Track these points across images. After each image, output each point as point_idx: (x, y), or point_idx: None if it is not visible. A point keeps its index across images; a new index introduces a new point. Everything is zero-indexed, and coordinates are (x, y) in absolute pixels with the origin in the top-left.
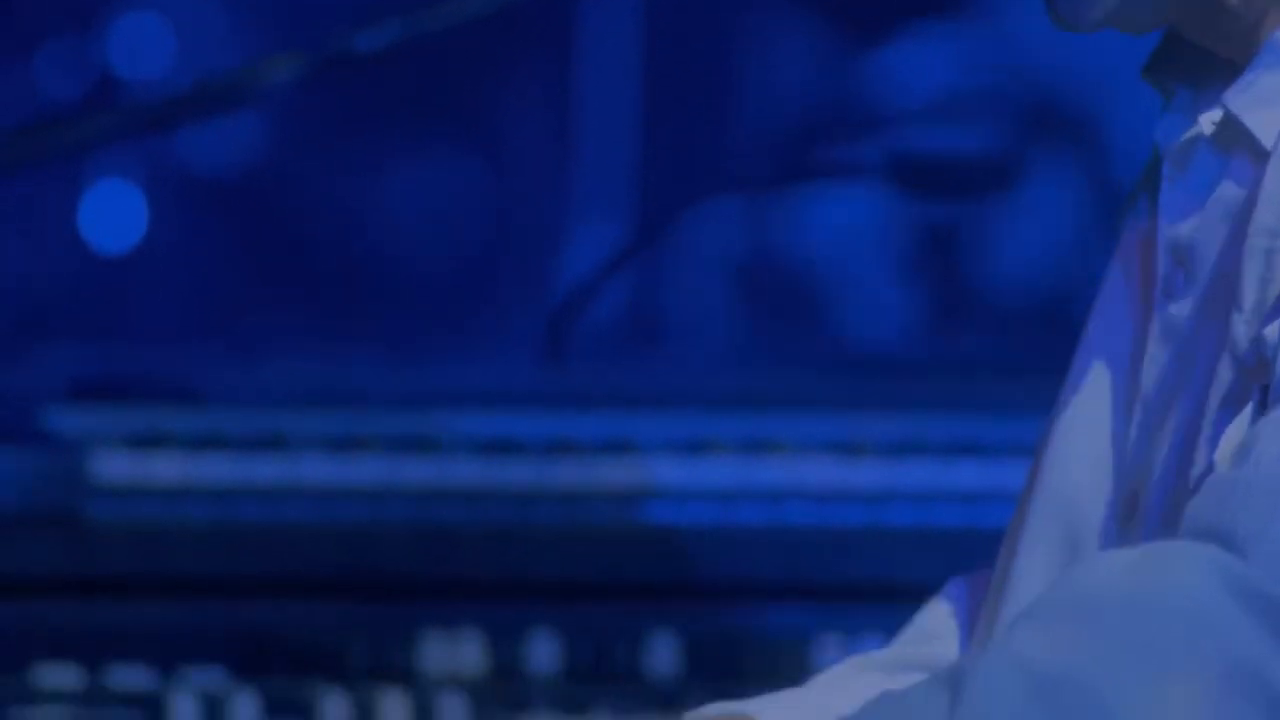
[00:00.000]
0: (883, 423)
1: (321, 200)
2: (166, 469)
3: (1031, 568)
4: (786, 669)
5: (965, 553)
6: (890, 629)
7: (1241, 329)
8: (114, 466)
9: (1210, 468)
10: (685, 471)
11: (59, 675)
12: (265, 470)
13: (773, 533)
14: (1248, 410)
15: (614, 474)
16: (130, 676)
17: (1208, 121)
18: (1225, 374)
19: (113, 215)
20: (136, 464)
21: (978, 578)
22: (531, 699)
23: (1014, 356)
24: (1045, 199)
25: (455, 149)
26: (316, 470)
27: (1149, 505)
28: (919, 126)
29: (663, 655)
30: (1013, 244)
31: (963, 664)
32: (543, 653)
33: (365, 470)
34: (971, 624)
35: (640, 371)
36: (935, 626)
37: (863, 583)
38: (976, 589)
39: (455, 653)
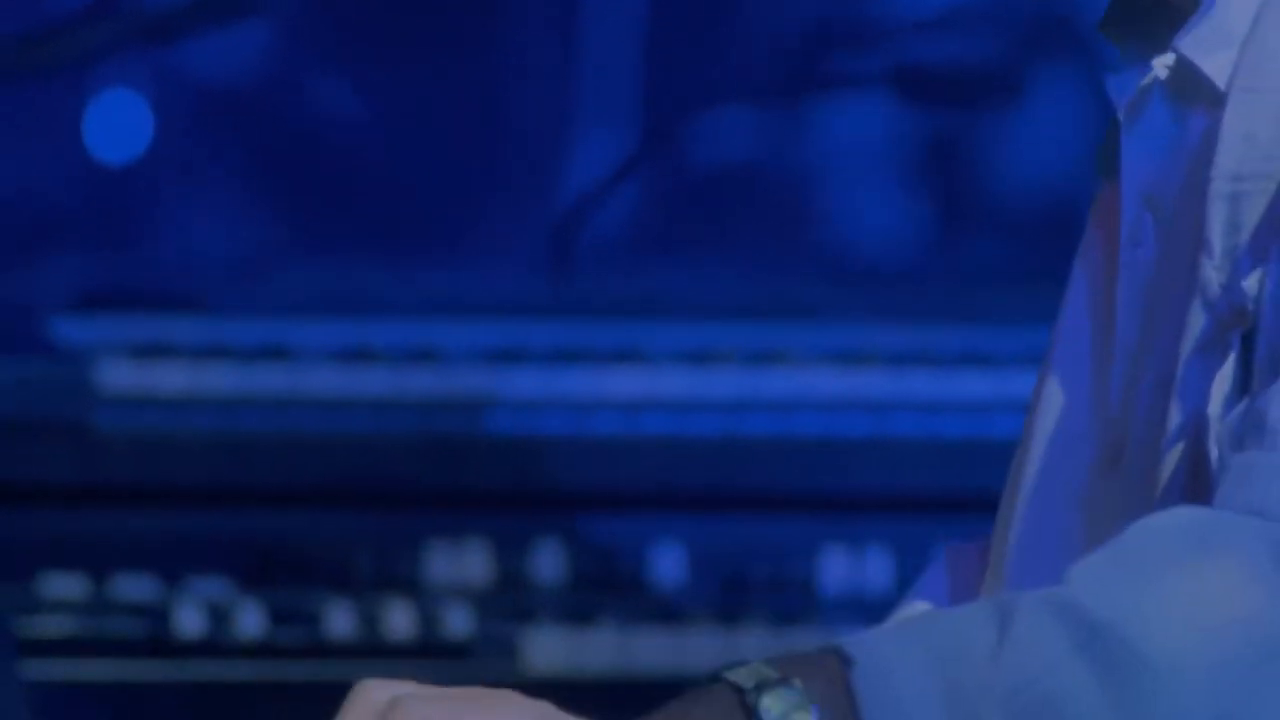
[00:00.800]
0: (888, 333)
1: (326, 109)
2: (172, 379)
3: (1031, 527)
4: (792, 579)
5: (971, 463)
6: (895, 539)
7: (1211, 274)
8: (120, 376)
9: (1192, 416)
10: (691, 382)
11: (64, 584)
12: (270, 380)
13: (778, 443)
14: (1231, 360)
15: (620, 384)
16: (135, 586)
17: (1160, 66)
18: (1197, 320)
19: (118, 125)
20: (142, 374)
21: (960, 552)
22: (536, 608)
23: (1020, 267)
24: (1051, 109)
25: (460, 56)
26: (322, 380)
27: (1131, 455)
28: (926, 36)
29: (668, 565)
30: (1019, 155)
31: (1016, 599)
32: (548, 562)
33: (371, 380)
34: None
35: (646, 281)
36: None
37: (868, 493)
38: (959, 565)
39: (460, 562)
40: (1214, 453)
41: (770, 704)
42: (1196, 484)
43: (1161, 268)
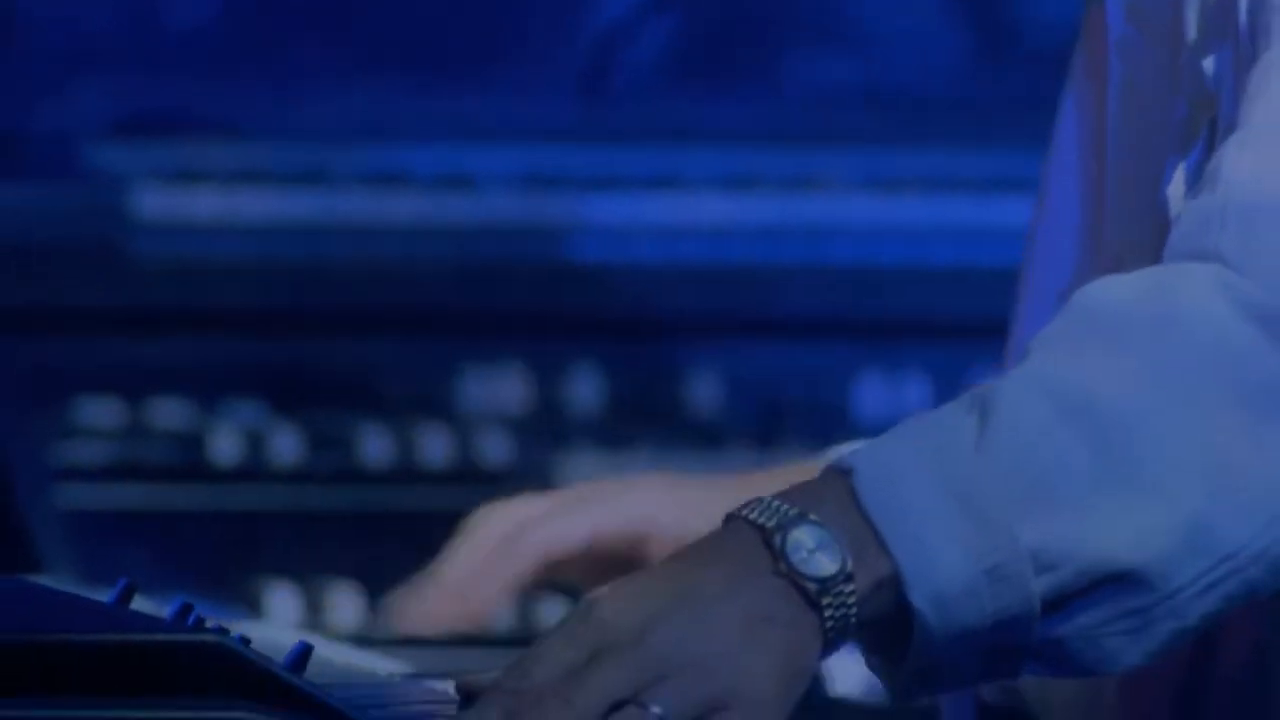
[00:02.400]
0: (926, 158)
1: None
2: (207, 204)
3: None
4: (828, 404)
5: (1006, 289)
6: (932, 364)
7: (1186, 66)
8: (154, 202)
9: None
10: (727, 207)
11: (99, 410)
12: (305, 205)
13: (815, 268)
14: (1198, 146)
15: (656, 209)
16: (170, 411)
17: None
18: (1179, 116)
19: None
20: (177, 199)
21: None
22: (572, 434)
23: (1056, 92)
24: None
25: None
26: (356, 205)
27: (1135, 260)
28: None
29: (704, 391)
30: None
31: (989, 387)
32: (584, 388)
33: (406, 205)
34: None
35: (681, 106)
36: None
37: (904, 319)
38: None
39: (497, 388)
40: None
41: (794, 542)
42: None
43: (1147, 80)
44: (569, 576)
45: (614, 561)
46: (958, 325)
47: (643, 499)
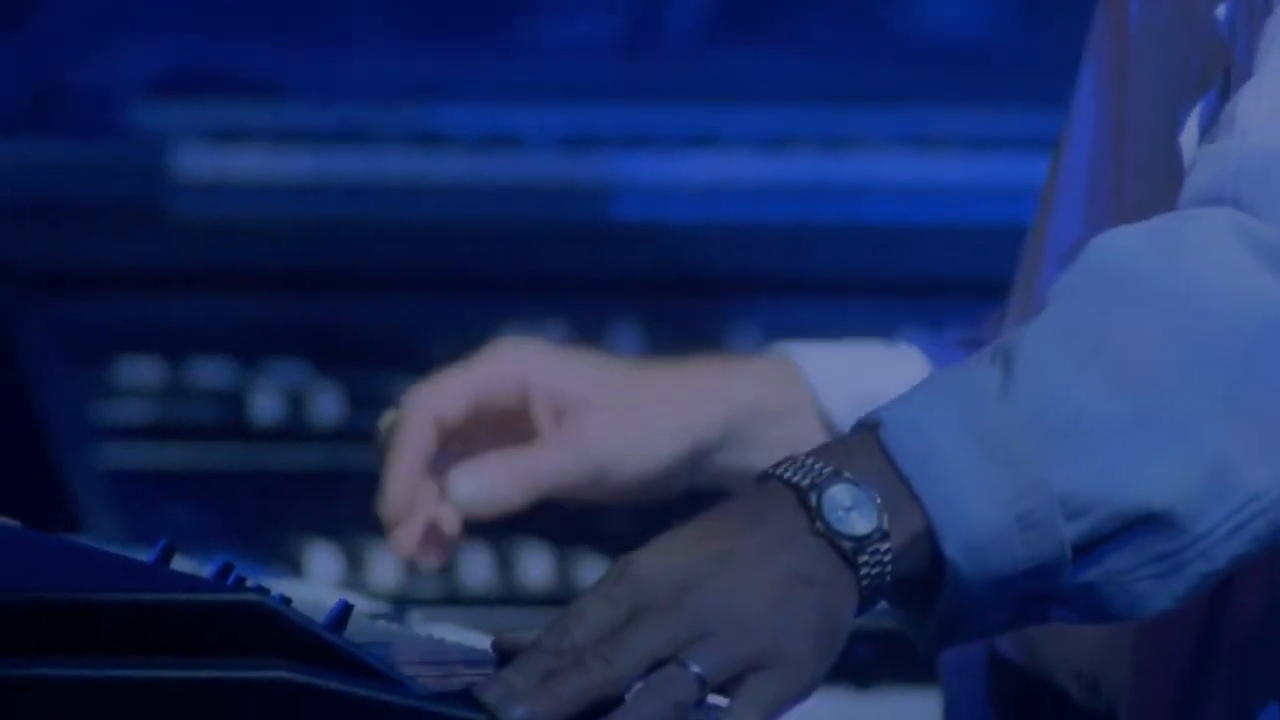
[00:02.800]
0: (963, 117)
1: None
2: (248, 163)
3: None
4: None
5: None
6: (971, 323)
7: (1201, 16)
8: (196, 161)
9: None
10: (766, 166)
11: (141, 369)
12: (347, 164)
13: (853, 228)
14: (1211, 95)
15: (695, 169)
16: (212, 370)
17: None
18: (1194, 65)
19: None
20: (219, 158)
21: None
22: None
23: None
24: None
25: None
26: (398, 164)
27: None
28: None
29: (744, 348)
30: None
31: (1011, 337)
32: (625, 347)
33: (446, 165)
34: None
35: (721, 65)
36: None
37: (944, 278)
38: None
39: None
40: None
41: (830, 501)
42: None
43: (1166, 32)
44: (469, 443)
45: (501, 420)
46: (996, 284)
47: (518, 359)
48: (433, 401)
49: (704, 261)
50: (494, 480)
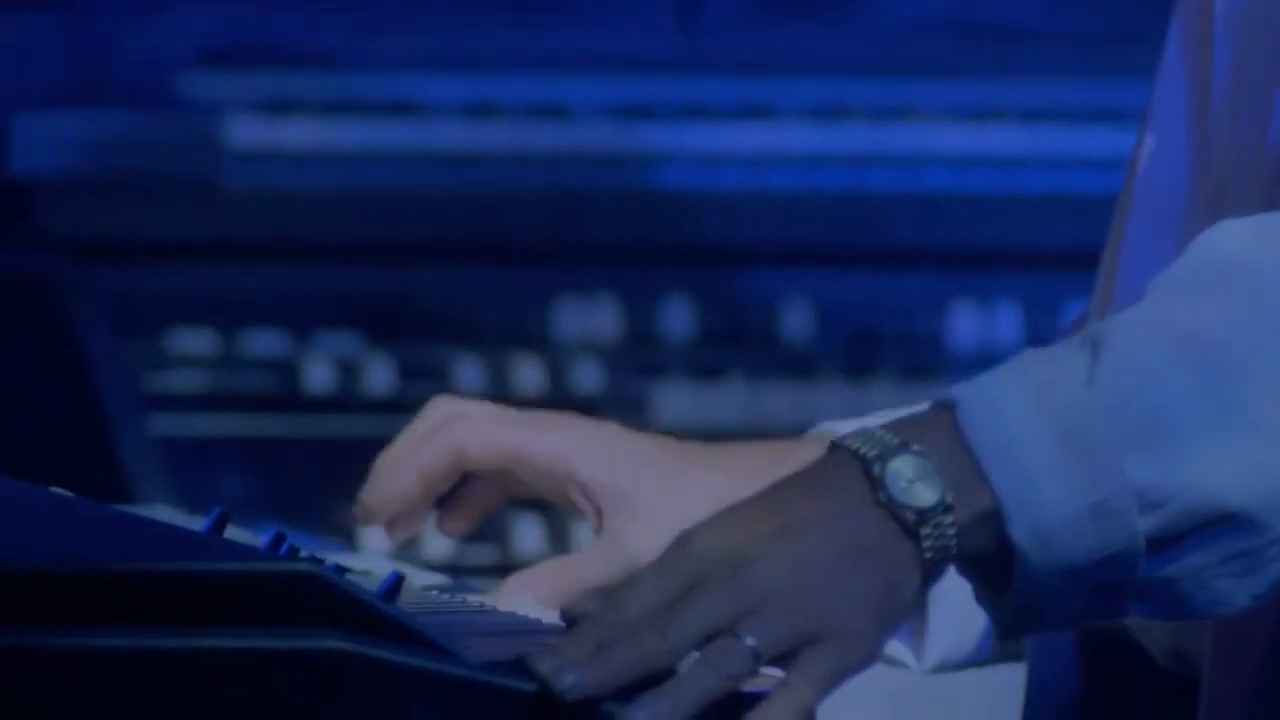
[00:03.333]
0: (1019, 89)
1: None
2: (300, 134)
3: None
4: (920, 334)
5: (1100, 219)
6: (1024, 294)
7: None
8: (248, 132)
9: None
10: (819, 137)
11: (194, 340)
12: (398, 135)
13: (907, 199)
14: None
15: (748, 139)
16: (265, 341)
17: None
18: None
19: None
20: (270, 129)
21: None
22: (665, 363)
23: (1146, 23)
24: None
25: None
26: (449, 135)
27: (1239, 187)
28: None
29: (796, 320)
30: None
31: (1102, 326)
32: (677, 317)
33: (499, 135)
34: None
35: (774, 37)
36: None
37: (997, 248)
38: None
39: (589, 317)
40: None
41: (895, 471)
42: None
43: (1254, 9)
44: (478, 491)
45: (523, 487)
46: (1049, 254)
47: (570, 440)
48: (466, 435)
49: (756, 233)
50: (547, 595)
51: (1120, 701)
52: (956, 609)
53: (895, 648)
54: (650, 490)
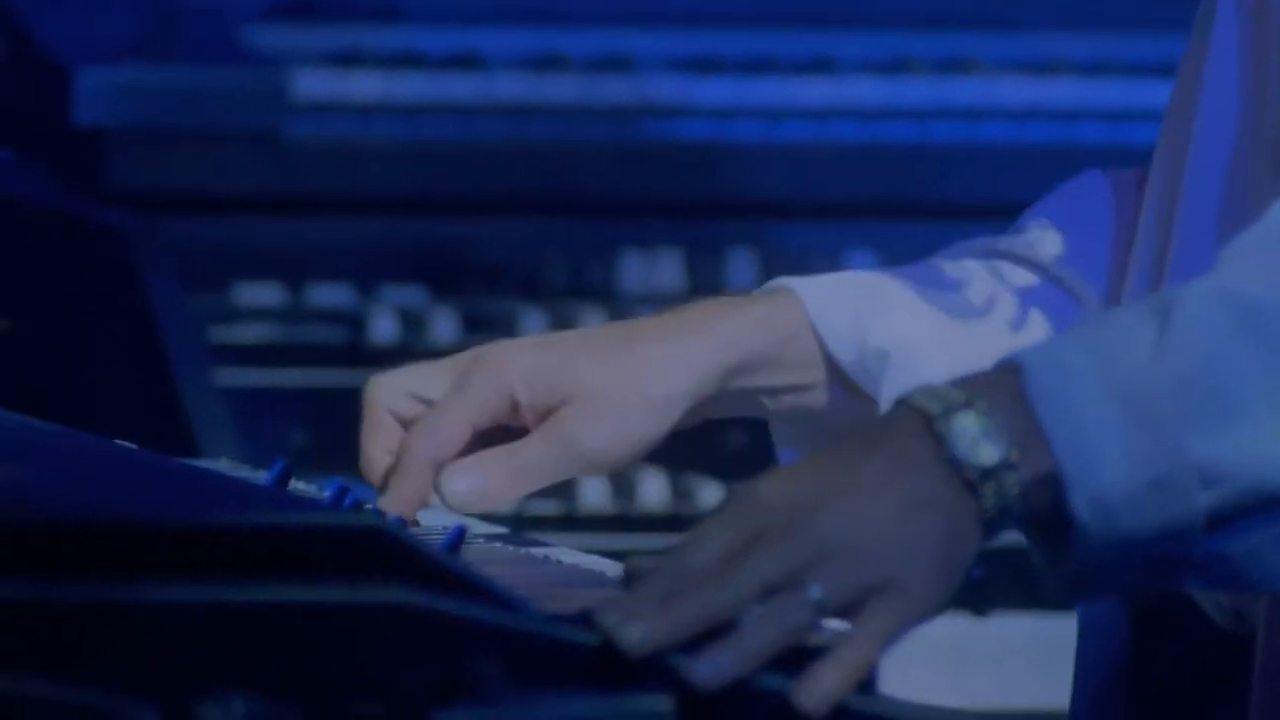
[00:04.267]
0: (1079, 42)
1: None
2: (364, 87)
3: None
4: None
5: None
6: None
7: None
8: (312, 85)
9: None
10: (881, 91)
11: (260, 293)
12: (463, 88)
13: (968, 151)
14: None
15: (812, 93)
16: (330, 294)
17: None
18: None
19: None
20: (335, 82)
21: (1120, 177)
22: None
23: None
24: None
25: None
26: (514, 88)
27: None
28: None
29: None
30: None
31: (1171, 295)
32: (740, 270)
33: (563, 88)
34: (1113, 222)
35: None
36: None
37: None
38: (1119, 187)
39: (653, 270)
40: None
41: (959, 429)
42: None
43: None
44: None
45: (495, 435)
46: None
47: (500, 375)
48: (432, 447)
49: (819, 186)
50: (486, 480)
51: (1173, 654)
52: None
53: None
54: (589, 380)
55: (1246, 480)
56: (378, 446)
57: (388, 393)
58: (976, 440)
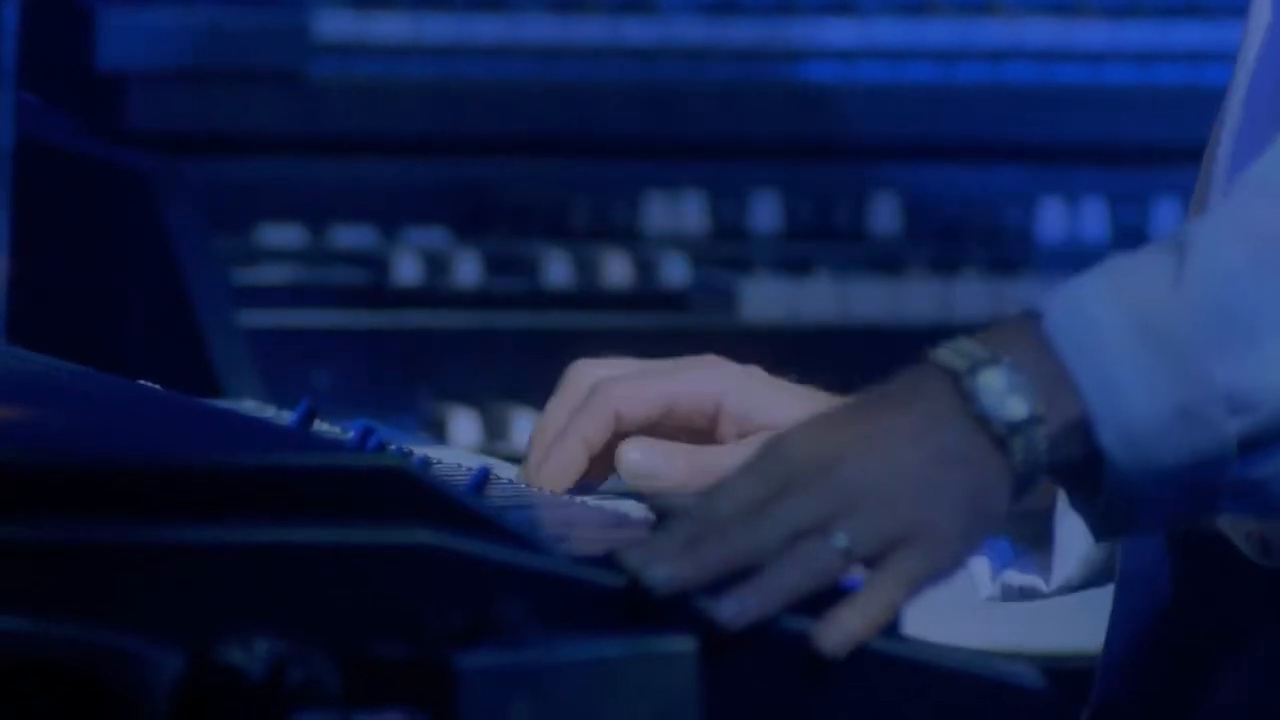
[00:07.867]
0: None
1: None
2: (390, 28)
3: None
4: (1007, 228)
5: (1186, 112)
6: (1111, 188)
7: None
8: (338, 25)
9: None
10: (906, 32)
11: (283, 234)
12: (488, 29)
13: (994, 92)
14: None
15: (835, 34)
16: (353, 235)
17: None
18: None
19: None
20: (359, 22)
21: None
22: (753, 258)
23: None
24: None
25: None
26: (539, 29)
27: None
28: None
29: (883, 214)
30: None
31: (1188, 228)
32: (764, 212)
33: (588, 29)
34: None
35: None
36: None
37: (1083, 143)
38: None
39: (677, 212)
40: None
41: (985, 385)
42: None
43: None
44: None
45: (682, 432)
46: (1136, 149)
47: (717, 380)
48: (620, 398)
49: (844, 127)
50: (669, 462)
51: (1209, 595)
52: (1081, 530)
53: (1027, 579)
54: (797, 419)
55: (1275, 404)
56: (566, 409)
57: (594, 370)
58: (1003, 396)
